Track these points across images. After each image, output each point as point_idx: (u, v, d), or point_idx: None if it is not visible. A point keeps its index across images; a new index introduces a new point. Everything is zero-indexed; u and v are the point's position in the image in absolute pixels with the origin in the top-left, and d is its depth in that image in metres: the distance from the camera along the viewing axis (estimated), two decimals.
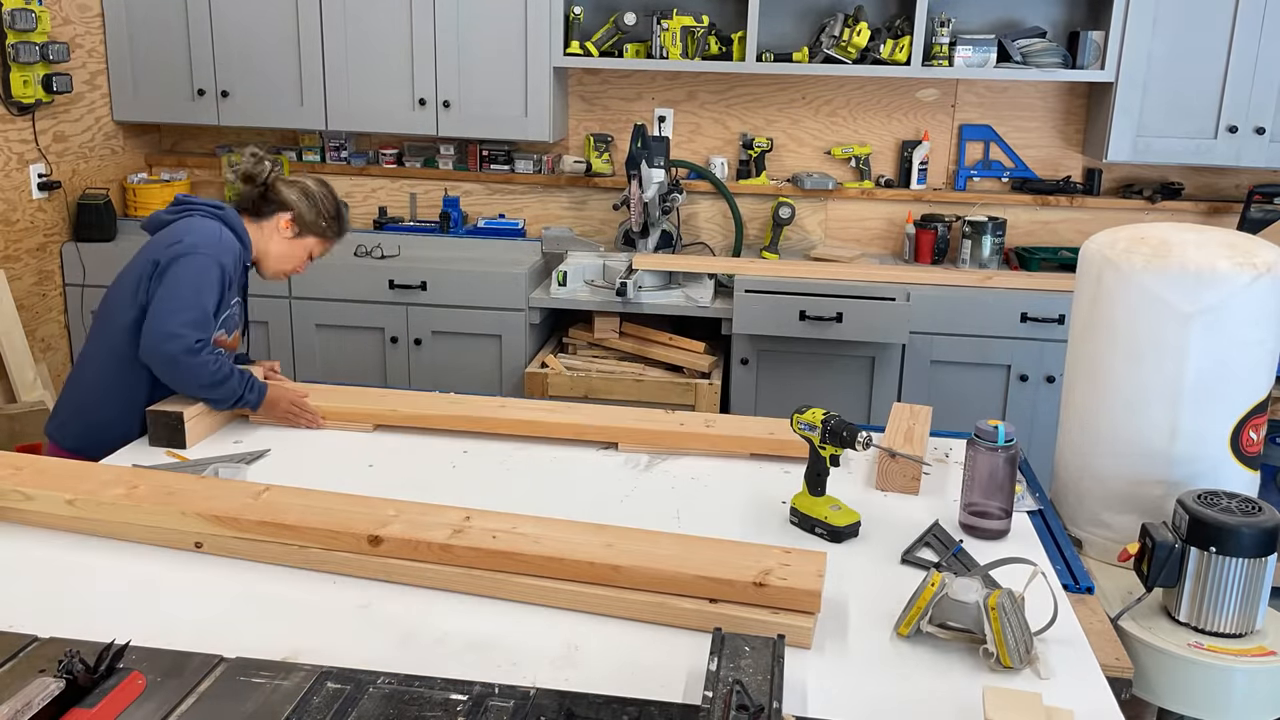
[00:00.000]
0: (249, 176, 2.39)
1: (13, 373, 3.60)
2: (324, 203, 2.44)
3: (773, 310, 3.54)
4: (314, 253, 2.49)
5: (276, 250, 2.42)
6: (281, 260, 2.44)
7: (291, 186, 2.41)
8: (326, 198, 2.45)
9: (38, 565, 1.67)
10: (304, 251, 2.46)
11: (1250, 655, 1.65)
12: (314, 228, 2.43)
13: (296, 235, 2.42)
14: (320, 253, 2.51)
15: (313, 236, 2.44)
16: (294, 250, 2.44)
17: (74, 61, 3.92)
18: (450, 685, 1.31)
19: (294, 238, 2.42)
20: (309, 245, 2.46)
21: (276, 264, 2.45)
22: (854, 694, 1.37)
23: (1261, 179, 3.92)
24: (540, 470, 2.10)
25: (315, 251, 2.49)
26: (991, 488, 1.83)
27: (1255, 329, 1.84)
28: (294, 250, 2.44)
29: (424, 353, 3.86)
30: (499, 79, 3.92)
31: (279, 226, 2.40)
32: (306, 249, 2.46)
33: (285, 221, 2.40)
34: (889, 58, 3.78)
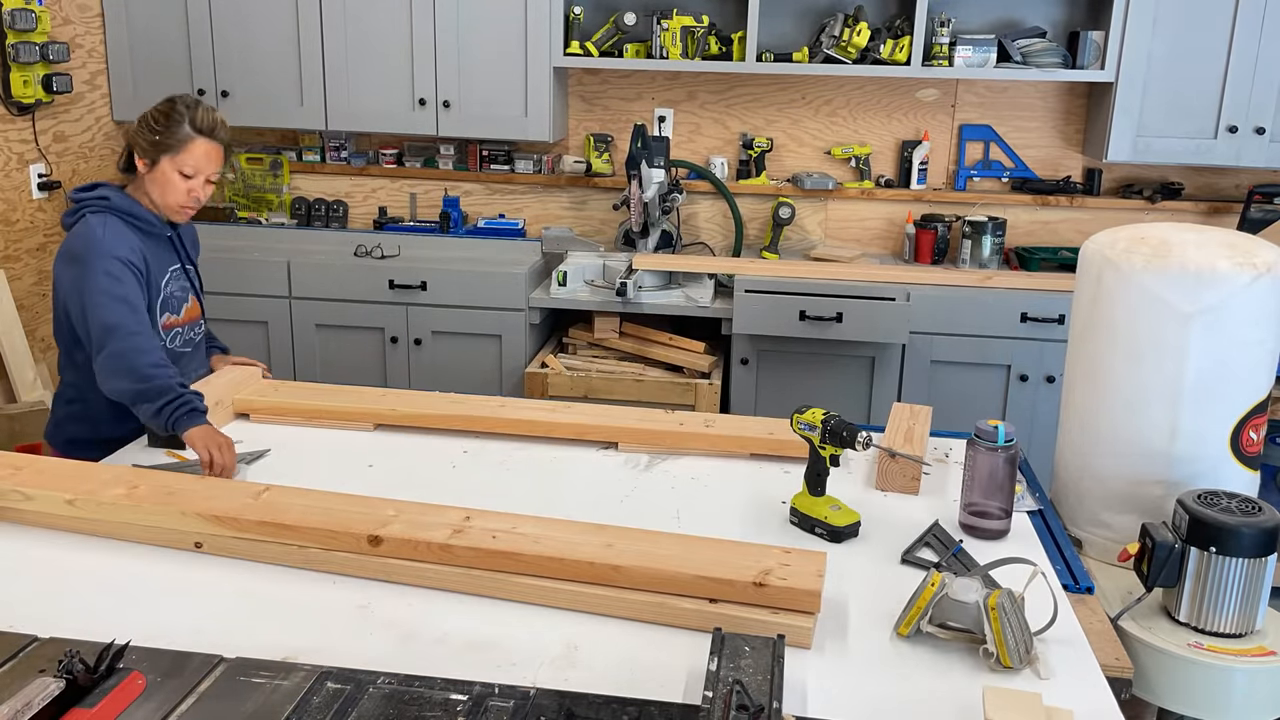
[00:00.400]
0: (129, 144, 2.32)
1: (13, 373, 3.60)
2: (156, 118, 2.27)
3: (773, 310, 3.54)
4: (183, 170, 2.28)
5: (151, 192, 2.30)
6: (163, 197, 2.30)
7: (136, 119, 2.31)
8: (158, 111, 2.28)
9: (38, 565, 1.67)
10: (171, 176, 2.27)
11: (1250, 655, 1.65)
12: (155, 145, 2.26)
13: (150, 166, 2.27)
14: (195, 166, 2.29)
15: (163, 155, 2.26)
16: (161, 180, 2.28)
17: (74, 61, 3.92)
18: (450, 685, 1.31)
19: (150, 169, 2.28)
20: (168, 167, 2.27)
21: (163, 204, 2.31)
22: (854, 694, 1.37)
23: (1261, 179, 3.92)
24: (540, 470, 2.10)
25: (184, 168, 2.28)
26: (991, 488, 1.83)
27: (1255, 329, 1.84)
28: (161, 180, 2.28)
29: (424, 353, 3.86)
30: (499, 79, 3.92)
31: (140, 170, 2.28)
32: (171, 171, 2.27)
33: (139, 160, 2.28)
34: (889, 58, 3.78)
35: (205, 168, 2.31)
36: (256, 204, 4.42)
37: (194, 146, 2.28)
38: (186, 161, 2.28)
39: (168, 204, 2.32)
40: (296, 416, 2.31)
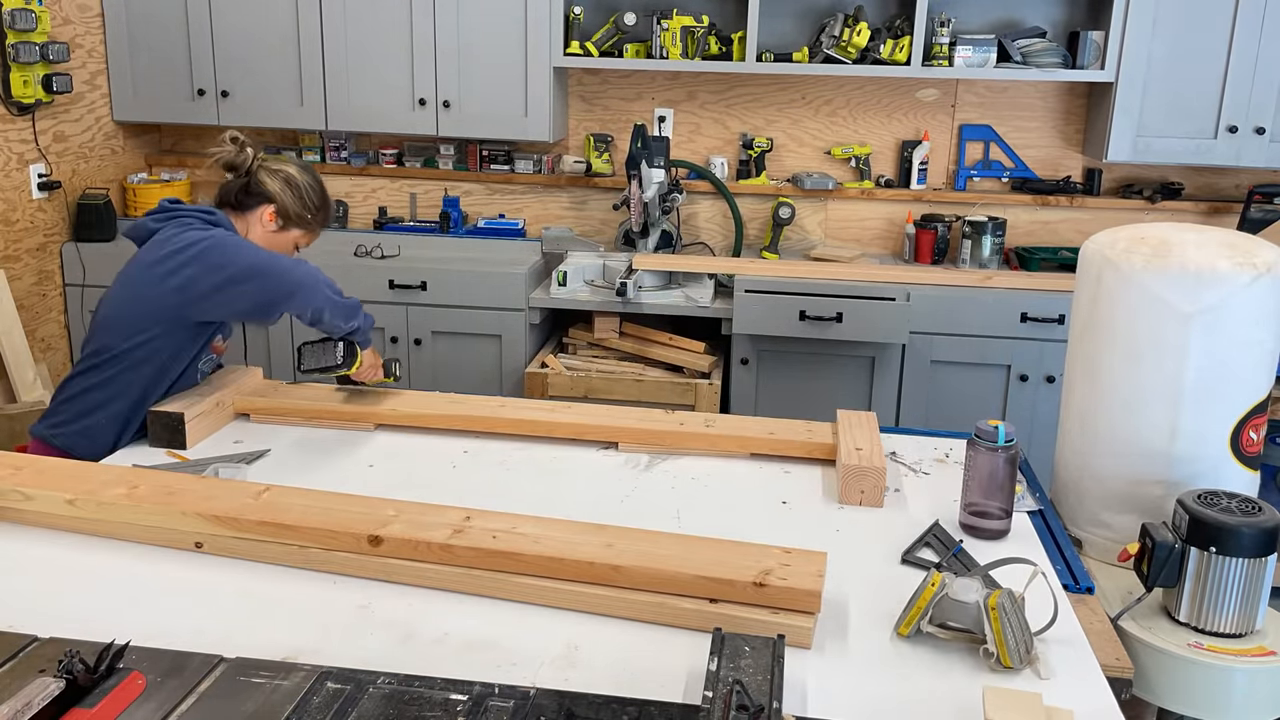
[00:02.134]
0: (231, 166, 2.31)
1: (13, 373, 3.60)
2: (309, 192, 2.35)
3: (773, 310, 3.54)
4: (299, 244, 2.41)
5: (256, 238, 2.33)
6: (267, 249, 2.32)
7: (275, 175, 2.32)
8: (311, 187, 2.36)
9: (38, 565, 1.67)
10: (289, 243, 2.38)
11: (1250, 655, 1.65)
12: (299, 220, 2.35)
13: (281, 228, 2.35)
14: (306, 243, 2.43)
15: (297, 229, 2.37)
16: (278, 242, 2.35)
17: (74, 61, 3.92)
18: (450, 685, 1.30)
19: (278, 230, 2.34)
20: (293, 237, 2.38)
21: None
22: (854, 694, 1.37)
23: (1261, 179, 3.92)
24: (540, 470, 2.10)
25: (301, 242, 2.41)
26: (991, 488, 1.83)
27: (1255, 329, 1.84)
28: (278, 242, 2.35)
29: (424, 353, 3.86)
30: (499, 79, 3.92)
31: (263, 219, 2.32)
32: (291, 240, 2.38)
33: (269, 214, 2.32)
34: (889, 58, 3.78)
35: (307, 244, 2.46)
36: None
37: (318, 234, 2.46)
38: (306, 241, 2.43)
39: None
40: (296, 416, 2.30)
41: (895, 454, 2.19)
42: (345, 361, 2.28)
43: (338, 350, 2.28)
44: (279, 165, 2.35)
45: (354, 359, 2.29)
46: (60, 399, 2.26)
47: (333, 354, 2.28)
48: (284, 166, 2.35)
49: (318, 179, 2.40)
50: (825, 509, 1.94)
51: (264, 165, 2.34)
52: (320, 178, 2.43)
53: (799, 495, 2.00)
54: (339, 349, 2.28)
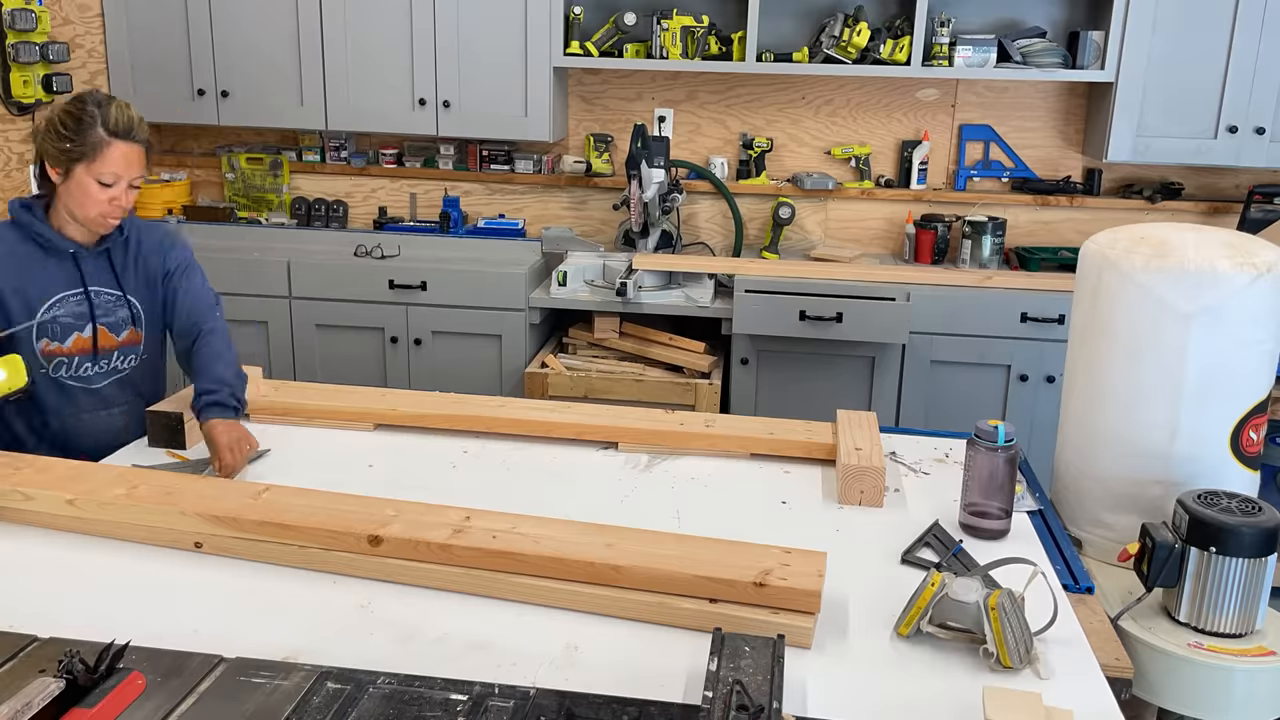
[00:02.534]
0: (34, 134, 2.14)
1: None
2: (64, 121, 2.07)
3: (773, 310, 3.54)
4: (104, 178, 2.09)
5: (68, 204, 2.12)
6: (82, 209, 2.11)
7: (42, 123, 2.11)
8: (67, 113, 2.07)
9: (38, 565, 1.67)
10: (88, 186, 2.08)
11: (1250, 655, 1.65)
12: (64, 155, 2.07)
13: (64, 176, 2.09)
14: (116, 171, 2.09)
15: (75, 164, 2.08)
16: (78, 192, 2.09)
17: (74, 61, 3.92)
18: (450, 685, 1.30)
19: (65, 179, 2.09)
20: (82, 174, 2.08)
21: (83, 217, 2.13)
22: (854, 694, 1.37)
23: (1261, 179, 3.92)
24: (540, 470, 2.10)
25: (103, 175, 2.08)
26: (991, 488, 1.83)
27: (1255, 329, 1.84)
28: (78, 192, 2.09)
29: (424, 353, 3.86)
30: (499, 79, 3.92)
31: (54, 180, 2.11)
32: (90, 180, 2.08)
33: (51, 170, 2.10)
34: (889, 58, 3.78)
35: (126, 173, 2.11)
36: (256, 204, 4.42)
37: (110, 151, 2.08)
38: (104, 169, 2.09)
39: (88, 216, 2.12)
40: (296, 416, 2.31)
41: (895, 454, 2.19)
42: None
43: None
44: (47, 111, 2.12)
45: None
46: None
47: None
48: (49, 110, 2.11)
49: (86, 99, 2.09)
50: (825, 509, 1.94)
51: None
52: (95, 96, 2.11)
53: (799, 495, 2.00)
54: None
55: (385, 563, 1.63)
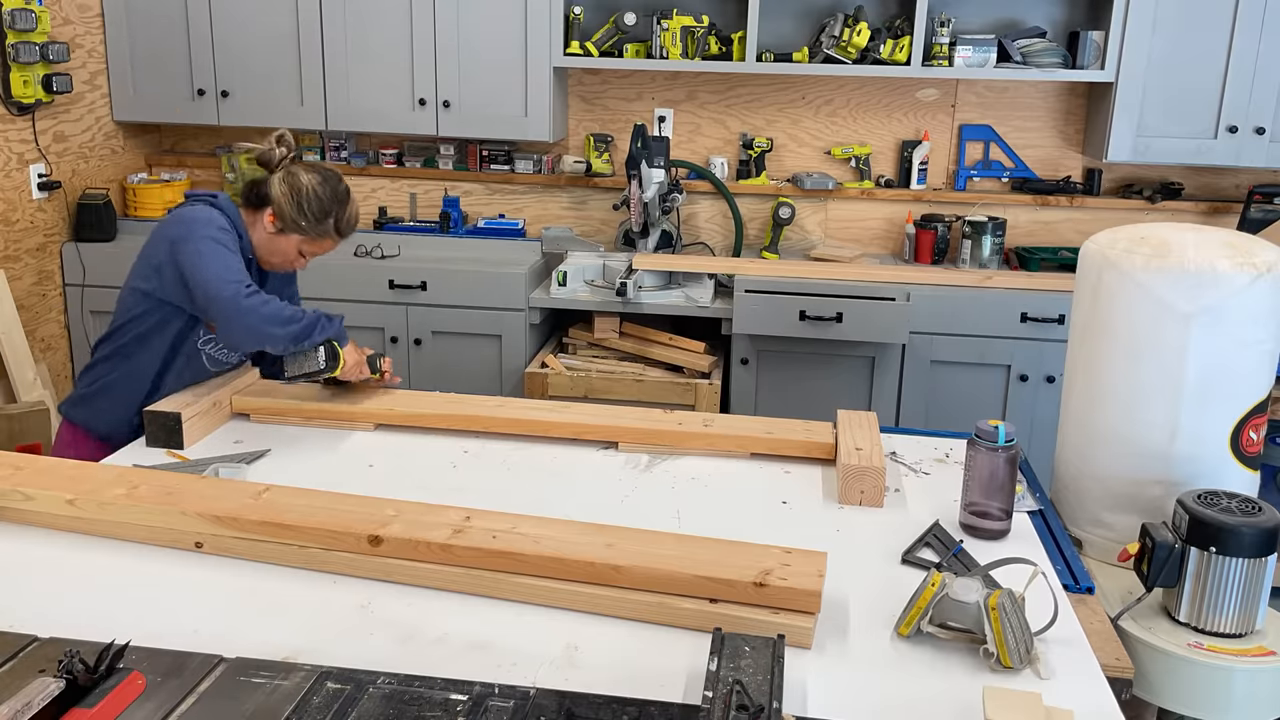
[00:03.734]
0: (263, 161, 2.31)
1: (13, 373, 3.60)
2: (311, 202, 2.29)
3: (773, 310, 3.54)
4: (304, 250, 2.36)
5: (260, 242, 2.33)
6: (269, 254, 2.35)
7: (285, 180, 2.29)
8: (317, 196, 2.29)
9: (38, 565, 1.67)
10: (290, 248, 2.34)
11: (1250, 655, 1.65)
12: (295, 226, 2.30)
13: (279, 231, 2.31)
14: (313, 251, 2.37)
15: (296, 235, 2.32)
16: (278, 245, 2.33)
17: (74, 61, 3.92)
18: (450, 685, 1.30)
19: (276, 234, 2.31)
20: (294, 243, 2.33)
21: (265, 256, 2.35)
22: (854, 694, 1.37)
23: (1261, 179, 3.92)
24: (540, 470, 2.10)
25: (305, 249, 2.36)
26: (992, 488, 1.83)
27: (1255, 329, 1.84)
28: (278, 245, 2.33)
29: (424, 353, 3.86)
30: (499, 79, 3.92)
31: (265, 220, 2.31)
32: (292, 246, 2.33)
33: (269, 216, 2.30)
34: (889, 58, 3.78)
35: (321, 253, 2.39)
36: None
37: (326, 242, 2.36)
38: (315, 251, 2.37)
39: (269, 261, 2.36)
40: (296, 416, 2.31)
41: (895, 454, 2.19)
42: (329, 365, 2.24)
43: (319, 355, 2.24)
44: (296, 169, 2.31)
45: (337, 361, 2.26)
46: (81, 376, 2.40)
47: (314, 359, 2.24)
48: (299, 172, 2.30)
49: (334, 191, 2.33)
50: (825, 509, 1.94)
51: (285, 167, 2.31)
52: (341, 190, 2.35)
53: (799, 495, 2.00)
54: (320, 353, 2.24)
55: (385, 563, 1.63)
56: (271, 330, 2.16)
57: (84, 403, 2.34)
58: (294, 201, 2.28)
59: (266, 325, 2.15)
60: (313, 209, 2.30)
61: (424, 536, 1.61)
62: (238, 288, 2.15)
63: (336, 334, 2.27)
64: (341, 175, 2.38)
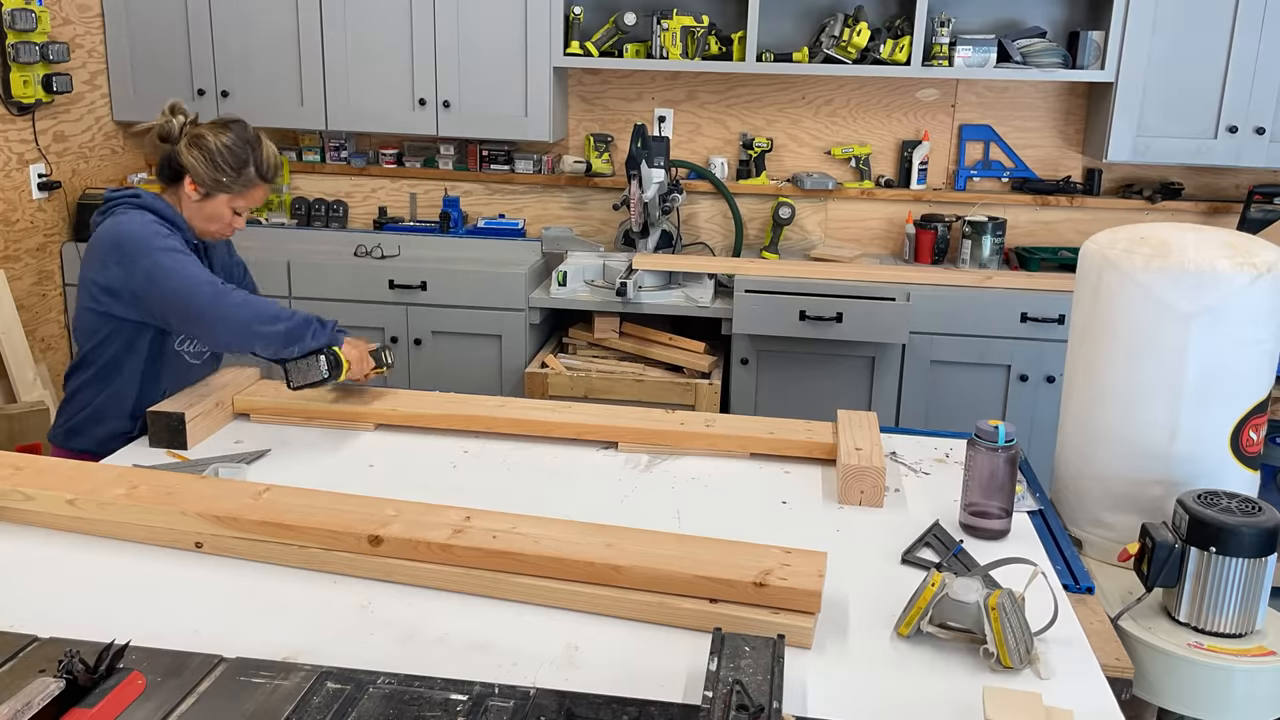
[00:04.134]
0: (163, 136, 2.26)
1: (13, 373, 3.60)
2: (222, 154, 2.22)
3: (773, 310, 3.54)
4: (236, 207, 2.28)
5: (191, 214, 2.27)
6: (203, 223, 2.29)
7: (193, 145, 2.22)
8: (227, 149, 2.23)
9: (38, 565, 1.67)
10: (221, 209, 2.27)
11: (1250, 655, 1.65)
12: (217, 185, 2.23)
13: (205, 197, 2.25)
14: (246, 204, 2.30)
15: (222, 194, 2.25)
16: (209, 212, 2.26)
17: (74, 61, 3.92)
18: (450, 685, 1.30)
19: (203, 200, 2.25)
20: (223, 203, 2.26)
21: (201, 227, 2.29)
22: (854, 694, 1.37)
23: (1261, 179, 3.92)
24: (540, 470, 2.10)
25: (237, 206, 2.28)
26: (992, 488, 1.83)
27: (1255, 329, 1.84)
28: (209, 212, 2.26)
29: (424, 353, 3.86)
30: (499, 79, 3.92)
31: (186, 191, 2.24)
32: (223, 207, 2.27)
33: (189, 185, 2.24)
34: (889, 58, 3.78)
35: (255, 205, 2.34)
36: None
37: (256, 191, 2.31)
38: (245, 204, 2.31)
39: (206, 230, 2.31)
40: (296, 416, 2.31)
41: (895, 454, 2.19)
42: (332, 372, 2.23)
43: (320, 364, 2.22)
44: (200, 131, 2.25)
45: (340, 367, 2.24)
46: (63, 402, 2.35)
47: (317, 368, 2.22)
48: (204, 132, 2.24)
49: (243, 138, 2.26)
50: (825, 509, 1.94)
51: (187, 134, 2.25)
52: (250, 135, 2.28)
53: (799, 495, 2.00)
54: (321, 362, 2.22)
55: (385, 563, 1.63)
56: (260, 329, 2.14)
57: (77, 433, 2.28)
58: (209, 162, 2.23)
59: (254, 324, 2.14)
60: (228, 162, 2.24)
61: (424, 536, 1.61)
62: (214, 289, 2.13)
63: (330, 341, 2.24)
64: (245, 121, 2.31)
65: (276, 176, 2.35)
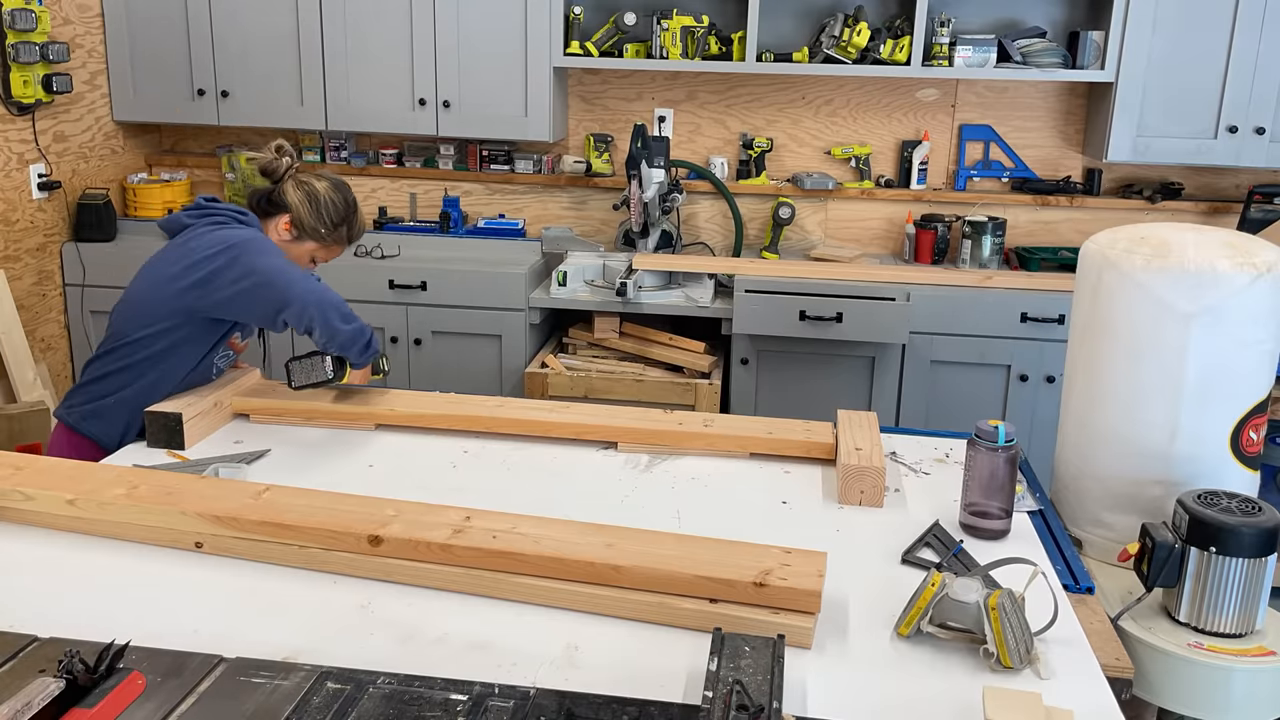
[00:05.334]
0: (265, 171, 2.37)
1: (13, 373, 3.60)
2: (328, 209, 2.39)
3: (773, 310, 3.54)
4: (316, 257, 2.44)
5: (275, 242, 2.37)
6: None
7: (300, 187, 2.37)
8: (332, 204, 2.40)
9: (38, 565, 1.67)
10: (303, 254, 2.41)
11: (1250, 655, 1.65)
12: (313, 233, 2.39)
13: (295, 238, 2.39)
14: (325, 257, 2.46)
15: (311, 241, 2.40)
16: (292, 252, 2.38)
17: (74, 61, 3.92)
18: (450, 685, 1.30)
19: (292, 240, 2.39)
20: (308, 249, 2.41)
21: None
22: (854, 694, 1.37)
23: (1261, 179, 3.92)
24: (540, 470, 2.10)
25: (318, 256, 2.44)
26: (992, 488, 1.83)
27: (1255, 329, 1.84)
28: (292, 252, 2.38)
29: (424, 353, 3.86)
30: (499, 79, 3.92)
31: (279, 227, 2.37)
32: (306, 253, 2.42)
33: (285, 223, 2.37)
34: (889, 58, 3.78)
35: (329, 260, 2.48)
36: None
37: (337, 249, 2.46)
38: (323, 255, 2.45)
39: None
40: (296, 416, 2.31)
41: (895, 454, 2.19)
42: (335, 375, 2.27)
43: (326, 365, 2.26)
44: (307, 178, 2.40)
45: (344, 372, 2.28)
46: (81, 380, 2.35)
47: (321, 369, 2.26)
48: (312, 180, 2.40)
49: (346, 199, 2.43)
50: (825, 509, 1.94)
51: (294, 176, 2.39)
52: (351, 198, 2.45)
53: (799, 495, 2.00)
54: (327, 364, 2.26)
55: (385, 563, 1.63)
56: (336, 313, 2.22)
57: (96, 417, 2.26)
58: (312, 209, 2.37)
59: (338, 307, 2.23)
60: (330, 216, 2.39)
61: (424, 536, 1.61)
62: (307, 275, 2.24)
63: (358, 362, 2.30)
64: (350, 187, 2.47)
65: (357, 241, 2.53)
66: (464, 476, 2.07)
